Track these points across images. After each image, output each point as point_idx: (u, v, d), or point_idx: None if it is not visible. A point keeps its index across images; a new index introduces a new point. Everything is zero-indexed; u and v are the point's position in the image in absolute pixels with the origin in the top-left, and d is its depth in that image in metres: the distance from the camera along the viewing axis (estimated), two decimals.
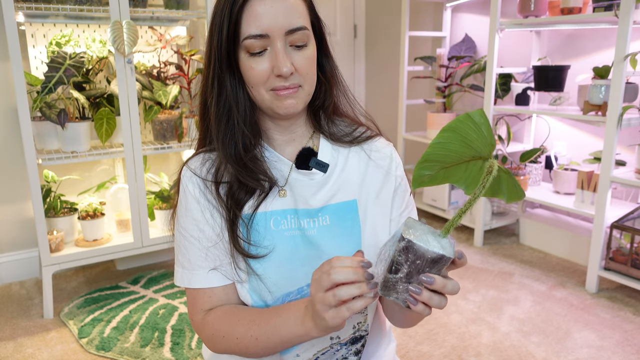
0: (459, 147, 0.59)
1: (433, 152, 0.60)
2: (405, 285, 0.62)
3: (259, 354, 0.77)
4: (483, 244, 2.75)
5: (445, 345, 1.81)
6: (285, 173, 0.83)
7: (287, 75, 0.74)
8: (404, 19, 3.05)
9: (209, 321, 0.80)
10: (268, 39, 0.73)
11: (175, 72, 2.34)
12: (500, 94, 2.71)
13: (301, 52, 0.75)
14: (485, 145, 0.59)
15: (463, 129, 0.58)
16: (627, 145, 2.38)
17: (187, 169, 0.83)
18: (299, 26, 0.73)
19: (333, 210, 0.82)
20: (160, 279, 2.34)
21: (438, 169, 0.62)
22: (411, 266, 0.60)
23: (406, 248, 0.60)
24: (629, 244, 2.09)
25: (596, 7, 2.13)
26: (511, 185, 0.63)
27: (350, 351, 0.85)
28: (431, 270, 0.61)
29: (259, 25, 0.72)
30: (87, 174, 2.41)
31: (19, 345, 1.83)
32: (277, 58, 0.73)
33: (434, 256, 0.59)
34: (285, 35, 0.73)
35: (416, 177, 0.63)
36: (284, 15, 0.72)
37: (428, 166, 0.62)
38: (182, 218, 0.82)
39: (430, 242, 0.60)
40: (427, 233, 0.61)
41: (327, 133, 0.86)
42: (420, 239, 0.60)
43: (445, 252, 0.60)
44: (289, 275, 0.79)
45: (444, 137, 0.59)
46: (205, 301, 0.81)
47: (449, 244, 0.61)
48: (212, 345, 0.81)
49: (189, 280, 0.82)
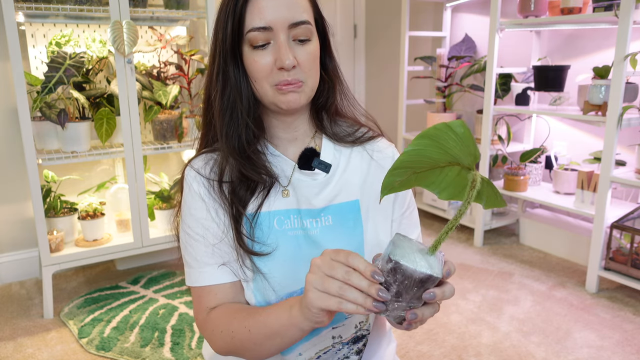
0: (435, 154, 0.58)
1: (406, 159, 0.58)
2: (396, 304, 0.62)
3: (252, 350, 0.75)
4: (483, 244, 2.75)
5: (445, 345, 1.81)
6: (288, 173, 0.83)
7: (289, 68, 0.74)
8: (404, 19, 3.05)
9: (211, 318, 0.79)
10: (271, 32, 0.73)
11: (175, 72, 2.34)
12: (500, 94, 2.71)
13: (304, 46, 0.76)
14: (467, 155, 0.57)
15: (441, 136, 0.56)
16: (627, 145, 2.38)
17: (191, 169, 0.83)
18: (302, 20, 0.74)
19: (335, 211, 0.82)
20: (160, 279, 2.34)
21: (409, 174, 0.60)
22: (400, 286, 0.60)
23: (394, 269, 0.60)
24: (629, 244, 2.09)
25: (596, 7, 2.13)
26: (491, 194, 0.61)
27: (352, 350, 0.85)
28: (420, 290, 0.61)
29: (262, 17, 0.73)
30: (87, 174, 2.41)
31: (19, 345, 1.83)
32: (279, 51, 0.74)
33: (421, 276, 0.59)
34: (288, 28, 0.74)
35: (386, 184, 0.60)
36: (287, 9, 0.73)
37: (399, 173, 0.59)
38: (187, 217, 0.82)
39: (417, 262, 0.60)
40: (414, 251, 0.61)
41: (329, 133, 0.86)
42: (407, 259, 0.60)
43: (433, 272, 0.60)
44: (292, 274, 0.79)
45: (420, 144, 0.57)
46: (210, 299, 0.81)
47: (436, 262, 0.61)
48: (213, 343, 0.80)
49: (196, 278, 0.81)
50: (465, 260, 2.55)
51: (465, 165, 0.59)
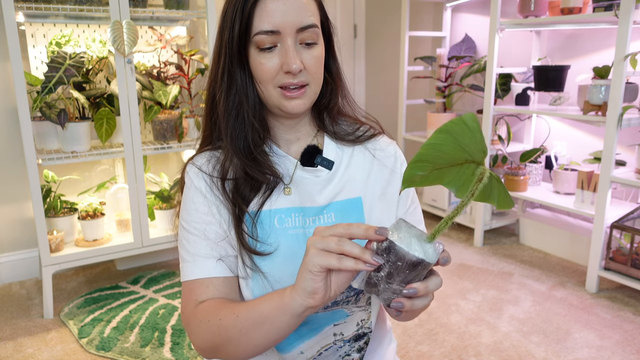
0: (452, 150, 0.59)
1: (426, 152, 0.59)
2: (386, 285, 0.62)
3: (236, 341, 0.70)
4: (483, 244, 2.75)
5: (445, 345, 1.81)
6: (290, 171, 0.83)
7: (296, 72, 0.74)
8: (404, 19, 3.05)
9: (199, 309, 0.76)
10: (279, 36, 0.73)
11: (175, 72, 2.34)
12: (500, 94, 2.71)
13: (310, 50, 0.76)
14: (478, 150, 0.58)
15: (457, 131, 0.57)
16: (627, 145, 2.38)
17: (193, 166, 0.83)
18: (310, 24, 0.74)
19: (338, 208, 0.82)
20: (160, 279, 2.34)
21: (430, 169, 0.61)
22: (392, 267, 0.61)
23: (388, 248, 0.60)
24: (629, 244, 2.09)
25: (596, 7, 2.13)
26: (502, 193, 0.62)
27: (354, 348, 0.85)
28: (411, 273, 0.61)
29: (270, 21, 0.73)
30: (87, 174, 2.41)
31: (19, 345, 1.83)
32: (287, 55, 0.74)
33: (413, 259, 0.60)
34: (296, 32, 0.74)
35: (407, 176, 0.62)
36: (295, 13, 0.73)
37: (420, 166, 0.61)
38: (186, 212, 0.82)
39: (412, 246, 0.60)
40: (413, 236, 0.62)
41: (330, 132, 0.87)
42: (403, 241, 0.60)
43: (426, 257, 0.60)
44: (292, 273, 0.79)
45: (438, 138, 0.58)
46: (201, 292, 0.78)
47: (432, 249, 0.61)
48: (197, 337, 0.76)
49: (191, 271, 0.79)
50: (465, 260, 2.55)
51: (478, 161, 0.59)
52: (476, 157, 0.59)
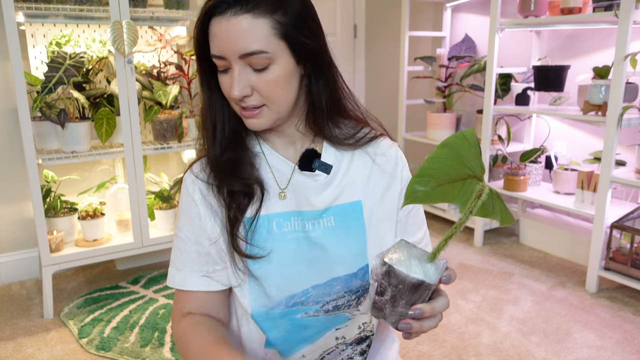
0: (453, 163, 0.59)
1: (429, 166, 0.59)
2: (392, 308, 0.62)
3: None
4: (483, 244, 2.75)
5: (445, 345, 1.81)
6: (287, 175, 0.82)
7: (237, 100, 0.74)
8: (404, 19, 3.05)
9: (182, 322, 0.81)
10: (227, 60, 0.72)
11: (175, 72, 2.34)
12: (500, 94, 2.71)
13: (261, 74, 0.72)
14: (477, 165, 0.59)
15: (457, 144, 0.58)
16: (627, 145, 2.38)
17: (190, 173, 0.83)
18: (252, 50, 0.70)
19: (337, 211, 0.82)
20: (160, 279, 2.34)
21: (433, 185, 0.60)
22: (394, 290, 0.61)
23: (388, 272, 0.60)
24: (629, 244, 2.09)
25: (596, 7, 2.13)
26: (503, 209, 0.62)
27: (356, 351, 0.85)
28: (414, 295, 0.61)
29: (215, 46, 0.72)
30: (87, 174, 2.41)
31: (19, 345, 1.83)
32: (231, 81, 0.73)
33: (414, 281, 0.59)
34: (239, 58, 0.71)
35: (409, 192, 0.60)
36: (235, 40, 0.70)
37: (423, 181, 0.59)
38: (180, 220, 0.83)
39: (412, 268, 0.60)
40: (412, 257, 0.61)
41: (329, 136, 0.84)
42: (402, 263, 0.60)
43: (426, 279, 0.60)
44: (294, 277, 0.79)
45: (441, 152, 0.59)
46: (185, 302, 0.82)
47: (433, 269, 0.61)
48: (177, 347, 0.82)
49: (176, 280, 0.83)
50: (465, 260, 2.55)
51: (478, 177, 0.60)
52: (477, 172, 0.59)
